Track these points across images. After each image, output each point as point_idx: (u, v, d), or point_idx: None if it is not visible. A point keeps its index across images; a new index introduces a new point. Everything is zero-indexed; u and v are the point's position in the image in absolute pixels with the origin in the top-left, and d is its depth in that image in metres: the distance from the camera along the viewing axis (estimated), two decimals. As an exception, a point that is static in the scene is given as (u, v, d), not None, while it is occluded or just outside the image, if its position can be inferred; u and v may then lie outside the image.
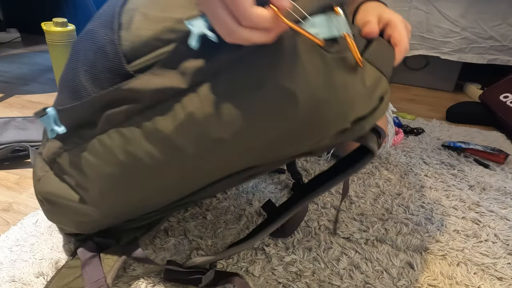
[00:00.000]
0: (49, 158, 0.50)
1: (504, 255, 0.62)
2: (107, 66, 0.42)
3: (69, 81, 0.46)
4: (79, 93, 0.44)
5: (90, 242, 0.55)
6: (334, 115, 0.41)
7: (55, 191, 0.50)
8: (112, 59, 0.41)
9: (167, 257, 0.57)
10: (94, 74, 0.43)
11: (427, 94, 1.47)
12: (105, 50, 0.42)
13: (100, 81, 0.42)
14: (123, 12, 0.42)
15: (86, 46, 0.45)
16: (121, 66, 0.41)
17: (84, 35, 0.46)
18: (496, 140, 1.07)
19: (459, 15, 1.28)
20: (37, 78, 1.36)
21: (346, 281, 0.54)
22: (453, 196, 0.78)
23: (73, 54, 0.47)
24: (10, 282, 0.52)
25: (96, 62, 0.43)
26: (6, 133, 0.86)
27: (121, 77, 0.41)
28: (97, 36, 0.43)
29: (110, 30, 0.42)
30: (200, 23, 0.36)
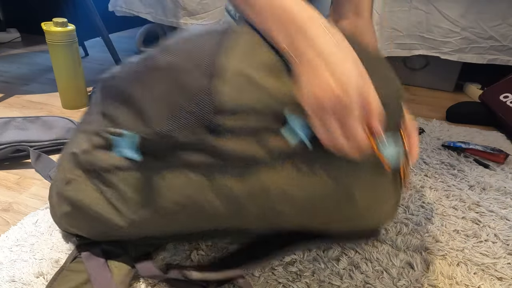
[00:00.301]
0: (93, 167, 0.47)
1: (504, 255, 0.62)
2: (193, 111, 0.41)
3: (137, 103, 0.44)
4: (152, 121, 0.43)
5: (97, 248, 0.54)
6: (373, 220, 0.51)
7: (87, 200, 0.48)
8: (202, 108, 0.41)
9: (167, 257, 0.57)
10: (173, 111, 0.42)
11: (427, 94, 1.47)
12: (194, 94, 0.41)
13: (179, 120, 0.42)
14: (221, 61, 0.41)
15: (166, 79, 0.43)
16: (210, 118, 0.40)
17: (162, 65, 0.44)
18: (496, 140, 1.07)
19: (459, 15, 1.28)
20: (37, 78, 1.36)
21: (346, 281, 0.54)
22: (453, 196, 0.78)
23: (145, 80, 0.45)
24: (10, 282, 0.52)
25: (180, 102, 0.42)
26: (6, 133, 0.86)
27: (205, 126, 0.41)
28: (185, 76, 0.42)
29: (204, 77, 0.41)
30: (299, 124, 0.40)
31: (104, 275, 0.50)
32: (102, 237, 0.53)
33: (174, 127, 0.42)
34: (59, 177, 0.51)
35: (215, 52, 0.42)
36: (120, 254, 0.54)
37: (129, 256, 0.54)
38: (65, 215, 0.51)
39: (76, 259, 0.54)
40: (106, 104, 0.48)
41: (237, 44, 0.43)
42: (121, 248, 0.55)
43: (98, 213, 0.48)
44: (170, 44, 0.47)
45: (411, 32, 1.35)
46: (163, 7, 1.57)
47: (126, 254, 0.54)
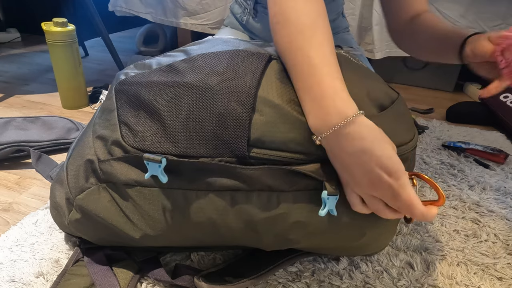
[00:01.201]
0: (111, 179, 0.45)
1: (504, 255, 0.62)
2: (225, 139, 0.41)
3: (164, 119, 0.43)
4: (179, 142, 0.42)
5: (100, 253, 0.54)
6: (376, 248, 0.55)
7: (101, 212, 0.47)
8: (235, 137, 0.41)
9: (167, 258, 0.57)
10: (204, 135, 0.42)
11: (427, 94, 1.47)
12: (228, 122, 0.41)
13: (209, 145, 0.42)
14: (259, 95, 0.42)
15: (197, 99, 0.43)
16: (243, 148, 0.41)
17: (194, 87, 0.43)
18: (496, 140, 1.07)
19: (459, 15, 1.28)
20: (37, 78, 1.36)
21: (346, 281, 0.54)
22: (453, 196, 0.78)
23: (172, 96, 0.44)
24: (10, 282, 0.52)
25: (211, 126, 0.42)
26: (6, 133, 0.86)
27: (234, 155, 0.41)
28: (219, 101, 0.42)
29: (242, 106, 0.41)
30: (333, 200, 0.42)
31: (110, 280, 0.50)
32: (108, 243, 0.53)
33: (204, 152, 0.42)
34: (71, 183, 0.49)
35: (255, 83, 0.42)
36: (124, 258, 0.54)
37: (133, 261, 0.54)
38: (74, 222, 0.50)
39: (78, 262, 0.54)
40: (125, 111, 0.46)
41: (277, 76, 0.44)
42: (124, 252, 0.54)
43: (111, 224, 0.47)
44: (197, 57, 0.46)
45: (411, 32, 1.34)
46: (163, 7, 1.57)
47: (130, 259, 0.54)
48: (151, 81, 0.45)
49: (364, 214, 0.43)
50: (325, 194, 0.41)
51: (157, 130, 0.43)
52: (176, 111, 0.43)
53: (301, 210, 0.44)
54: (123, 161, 0.44)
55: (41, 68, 1.47)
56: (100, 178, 0.46)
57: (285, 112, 0.41)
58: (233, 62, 0.44)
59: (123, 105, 0.46)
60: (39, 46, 1.77)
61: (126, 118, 0.45)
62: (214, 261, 0.57)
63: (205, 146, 0.42)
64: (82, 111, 1.11)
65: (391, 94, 0.46)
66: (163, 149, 0.43)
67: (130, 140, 0.44)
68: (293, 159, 0.42)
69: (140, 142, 0.44)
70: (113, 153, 0.45)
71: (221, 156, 0.42)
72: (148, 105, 0.44)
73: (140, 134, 0.44)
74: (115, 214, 0.46)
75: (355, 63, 0.48)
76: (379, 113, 0.43)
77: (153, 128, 0.43)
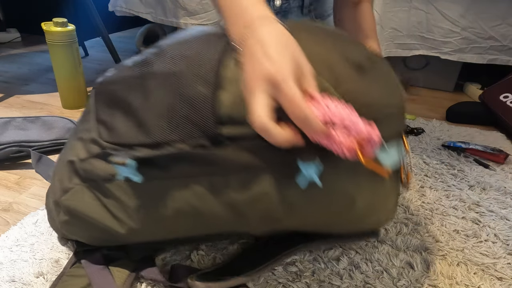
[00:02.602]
0: (91, 176, 0.46)
1: (504, 255, 0.62)
2: (194, 121, 0.41)
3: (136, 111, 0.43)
4: (151, 130, 0.42)
5: (97, 253, 0.54)
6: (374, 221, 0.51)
7: (86, 210, 0.48)
8: (203, 117, 0.40)
9: (167, 257, 0.57)
10: (174, 120, 0.41)
11: (427, 94, 1.47)
12: (195, 104, 0.41)
13: (180, 129, 0.41)
14: (222, 72, 0.41)
15: (165, 87, 0.42)
16: (213, 127, 0.40)
17: (160, 72, 0.43)
18: (496, 140, 1.07)
19: (459, 15, 1.28)
20: (37, 78, 1.36)
21: (346, 281, 0.54)
22: (453, 196, 0.78)
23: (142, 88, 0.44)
24: (10, 282, 0.52)
25: (180, 111, 0.41)
26: (6, 133, 0.86)
27: (206, 136, 0.41)
28: (185, 85, 0.41)
29: (206, 87, 0.41)
30: (312, 169, 0.40)
31: (106, 279, 0.50)
32: (102, 243, 0.53)
33: (176, 137, 0.41)
34: (57, 186, 0.51)
35: (216, 61, 0.42)
36: (121, 258, 0.54)
37: (129, 260, 0.54)
38: (64, 223, 0.51)
39: (76, 264, 0.54)
40: (101, 111, 0.47)
41: None
42: (121, 252, 0.55)
43: (97, 221, 0.47)
44: (166, 48, 0.46)
45: (411, 32, 1.35)
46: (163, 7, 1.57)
47: (126, 258, 0.54)
48: (123, 77, 0.46)
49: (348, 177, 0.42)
50: (301, 163, 0.39)
51: (130, 123, 0.44)
52: (146, 101, 0.43)
53: (282, 186, 0.42)
54: (100, 157, 0.45)
55: (41, 68, 1.47)
56: (82, 177, 0.47)
57: None
58: (196, 45, 0.44)
59: (100, 105, 0.47)
60: (39, 46, 1.77)
61: (103, 117, 0.46)
62: (214, 260, 0.57)
63: (177, 131, 0.41)
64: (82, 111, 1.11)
65: (371, 56, 0.45)
66: (137, 141, 0.43)
67: (106, 136, 0.45)
68: None
69: (115, 137, 0.44)
70: (91, 151, 0.46)
71: (194, 138, 0.41)
72: (121, 101, 0.45)
73: (116, 130, 0.44)
74: (99, 211, 0.47)
75: (332, 29, 0.48)
76: (358, 75, 0.42)
77: (127, 123, 0.44)
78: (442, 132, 1.09)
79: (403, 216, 0.70)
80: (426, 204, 0.74)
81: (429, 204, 0.75)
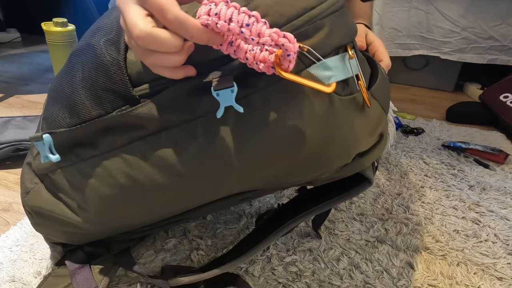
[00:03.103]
0: (40, 172, 0.47)
1: (504, 255, 0.62)
2: (110, 88, 0.40)
3: (66, 95, 0.44)
4: (77, 110, 0.42)
5: (79, 252, 0.53)
6: (339, 153, 0.42)
7: (46, 206, 0.47)
8: (117, 82, 0.39)
9: (167, 258, 0.57)
10: (94, 93, 0.41)
11: (427, 94, 1.47)
12: (109, 70, 0.40)
13: (101, 100, 0.41)
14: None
15: (86, 61, 0.42)
16: (127, 89, 0.39)
17: (83, 48, 0.43)
18: (496, 140, 1.07)
19: (459, 15, 1.28)
20: (37, 78, 1.36)
21: (346, 281, 0.54)
22: (453, 196, 0.78)
23: (70, 67, 0.45)
24: (10, 282, 0.52)
25: (98, 81, 0.41)
26: (6, 132, 0.86)
27: (124, 100, 0.39)
28: (99, 54, 0.41)
29: (116, 51, 0.40)
30: (227, 94, 0.34)
31: (85, 276, 0.50)
32: (79, 240, 0.53)
33: (102, 111, 0.40)
34: (22, 190, 0.51)
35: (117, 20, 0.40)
36: (102, 254, 0.54)
37: (110, 255, 0.54)
38: (36, 225, 0.51)
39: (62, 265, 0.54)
40: (46, 108, 0.47)
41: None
42: (103, 248, 0.54)
43: (59, 215, 0.47)
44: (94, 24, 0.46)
45: (411, 32, 1.35)
46: (163, 7, 1.57)
47: (107, 253, 0.54)
48: (60, 71, 0.47)
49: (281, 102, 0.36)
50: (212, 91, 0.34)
51: (64, 111, 0.43)
52: (72, 85, 0.43)
53: (221, 134, 0.37)
54: None
55: (41, 68, 1.47)
56: (38, 176, 0.48)
57: None
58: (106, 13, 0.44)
59: (46, 104, 0.48)
60: (39, 46, 1.77)
61: (46, 113, 0.47)
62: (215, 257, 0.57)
63: (101, 104, 0.41)
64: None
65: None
66: (68, 124, 0.42)
67: (44, 128, 0.46)
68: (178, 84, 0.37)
69: (49, 126, 0.45)
70: None
71: (117, 107, 0.40)
72: (56, 93, 0.45)
73: (53, 121, 0.44)
74: (57, 205, 0.47)
75: None
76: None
77: (61, 112, 0.44)
78: (442, 132, 1.09)
79: (403, 216, 0.70)
80: (426, 204, 0.74)
81: (429, 204, 0.75)
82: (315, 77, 0.37)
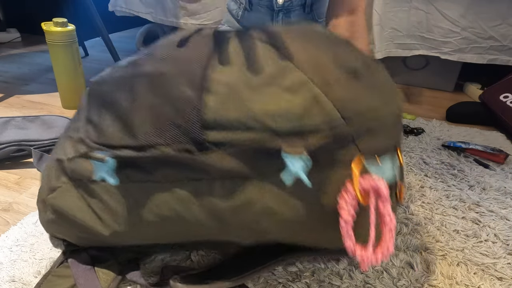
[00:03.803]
0: (76, 176, 0.46)
1: (504, 255, 0.62)
2: (180, 124, 0.40)
3: (122, 109, 0.43)
4: (134, 131, 0.41)
5: (84, 254, 0.53)
6: None
7: (72, 210, 0.47)
8: (189, 121, 0.39)
9: (166, 258, 0.57)
10: (159, 123, 0.41)
11: (427, 94, 1.47)
12: (181, 107, 0.40)
13: (164, 131, 0.40)
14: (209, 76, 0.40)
15: (152, 88, 0.42)
16: (198, 132, 0.39)
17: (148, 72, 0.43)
18: (496, 140, 1.07)
19: (459, 15, 1.28)
20: (37, 78, 1.36)
21: (346, 281, 0.54)
22: (453, 196, 0.78)
23: (129, 81, 0.44)
24: (10, 282, 0.52)
25: (165, 114, 0.40)
26: (6, 132, 0.86)
27: (191, 140, 0.40)
28: (171, 86, 0.41)
29: (193, 90, 0.39)
30: (299, 164, 0.37)
31: (91, 281, 0.50)
32: (88, 243, 0.53)
33: (161, 141, 0.40)
34: (45, 185, 0.50)
35: (204, 63, 0.41)
36: (108, 260, 0.54)
37: (116, 262, 0.54)
38: (50, 222, 0.51)
39: (63, 264, 0.54)
40: (92, 110, 0.47)
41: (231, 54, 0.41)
42: (108, 253, 0.54)
43: (82, 221, 0.47)
44: (157, 48, 0.46)
45: (411, 32, 1.35)
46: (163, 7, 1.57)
47: (113, 260, 0.54)
48: (114, 77, 0.46)
49: None
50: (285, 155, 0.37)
51: (118, 124, 0.43)
52: (133, 103, 0.43)
53: (268, 195, 0.40)
54: (86, 157, 0.45)
55: (41, 68, 1.47)
56: (69, 176, 0.47)
57: (240, 89, 0.39)
58: (186, 45, 0.44)
59: (92, 105, 0.47)
60: (39, 46, 1.77)
61: (92, 117, 0.46)
62: (214, 261, 0.57)
63: (162, 134, 0.41)
64: (82, 111, 1.11)
65: (367, 61, 0.44)
66: (122, 142, 0.42)
67: (93, 136, 0.45)
68: (253, 138, 0.38)
69: (102, 138, 0.44)
70: (79, 150, 0.46)
71: (179, 143, 0.40)
72: (110, 101, 0.45)
73: (103, 131, 0.44)
74: (84, 212, 0.47)
75: (329, 33, 0.47)
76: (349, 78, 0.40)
77: (114, 124, 0.43)
78: (442, 132, 1.09)
79: (403, 216, 0.70)
80: (426, 204, 0.74)
81: (429, 204, 0.75)
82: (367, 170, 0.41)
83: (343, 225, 0.38)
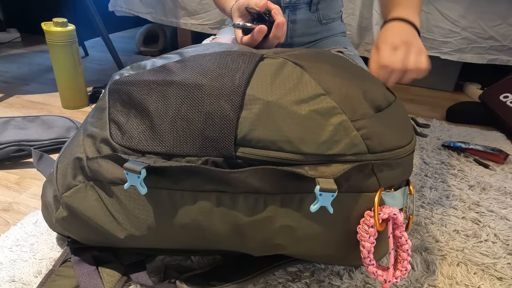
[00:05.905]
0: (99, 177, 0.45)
1: (504, 255, 0.62)
2: (212, 137, 0.41)
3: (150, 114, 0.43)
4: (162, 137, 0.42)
5: (88, 254, 0.53)
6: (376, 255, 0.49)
7: (88, 212, 0.46)
8: (223, 136, 0.40)
9: (167, 257, 0.57)
10: (189, 133, 0.41)
11: (427, 94, 1.47)
12: (216, 121, 0.41)
13: (192, 141, 0.41)
14: (248, 94, 0.41)
15: (185, 98, 0.42)
16: (230, 148, 0.40)
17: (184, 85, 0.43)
18: (496, 140, 1.07)
19: (459, 15, 1.28)
20: (37, 78, 1.36)
21: (346, 281, 0.54)
22: (453, 196, 0.78)
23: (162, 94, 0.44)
24: (10, 282, 0.52)
25: (197, 125, 0.41)
26: (6, 132, 0.86)
27: (221, 154, 0.41)
28: (207, 100, 0.41)
29: (229, 106, 0.41)
30: (327, 196, 0.39)
31: (95, 282, 0.50)
32: (95, 243, 0.53)
33: (190, 151, 0.41)
34: (59, 181, 0.49)
35: (244, 81, 0.42)
36: (111, 261, 0.53)
37: (120, 263, 0.53)
38: (61, 220, 0.50)
39: (65, 263, 0.53)
40: (115, 110, 0.46)
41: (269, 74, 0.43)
42: (112, 254, 0.54)
43: (97, 223, 0.47)
44: (189, 58, 0.46)
45: (411, 32, 1.35)
46: (163, 7, 1.57)
47: (117, 261, 0.54)
48: (143, 81, 0.46)
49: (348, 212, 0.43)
50: (317, 190, 0.38)
51: (145, 128, 0.43)
52: (165, 110, 0.43)
53: (289, 214, 0.42)
54: (110, 159, 0.44)
55: (41, 68, 1.47)
56: (88, 176, 0.46)
57: (275, 110, 0.41)
58: (223, 61, 0.44)
59: (115, 104, 0.47)
60: (39, 46, 1.77)
61: (116, 117, 0.46)
62: (214, 261, 0.57)
63: (192, 145, 0.41)
64: (82, 111, 1.11)
65: (388, 97, 0.46)
66: (150, 148, 0.42)
67: (118, 138, 0.44)
68: (281, 159, 0.40)
69: (127, 140, 0.44)
70: (101, 151, 0.45)
71: (208, 155, 0.41)
72: (138, 104, 0.45)
73: (129, 133, 0.44)
74: (101, 213, 0.46)
75: (353, 64, 0.49)
76: (375, 114, 0.43)
77: (141, 127, 0.44)
78: (442, 132, 1.09)
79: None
80: (426, 204, 0.74)
81: (429, 204, 0.75)
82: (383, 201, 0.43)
83: (365, 254, 0.42)
